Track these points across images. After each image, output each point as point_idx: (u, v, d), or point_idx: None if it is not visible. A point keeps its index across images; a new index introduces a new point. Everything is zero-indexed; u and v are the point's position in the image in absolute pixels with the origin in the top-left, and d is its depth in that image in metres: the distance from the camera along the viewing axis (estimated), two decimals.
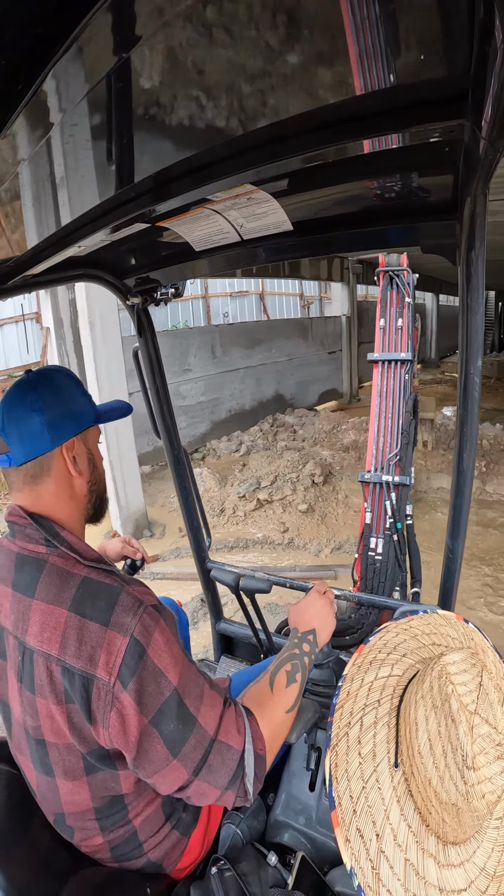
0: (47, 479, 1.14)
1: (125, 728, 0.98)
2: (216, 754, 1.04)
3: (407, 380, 2.82)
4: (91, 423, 1.22)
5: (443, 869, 0.91)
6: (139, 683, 0.98)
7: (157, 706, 0.99)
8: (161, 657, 1.00)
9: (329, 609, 1.42)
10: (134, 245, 1.49)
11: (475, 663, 0.95)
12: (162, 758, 1.00)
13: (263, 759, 1.11)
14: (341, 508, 7.45)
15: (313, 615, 1.38)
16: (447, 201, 1.09)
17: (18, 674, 1.09)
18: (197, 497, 2.31)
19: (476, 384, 1.22)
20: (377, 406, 2.82)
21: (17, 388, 1.15)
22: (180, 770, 1.01)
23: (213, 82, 0.62)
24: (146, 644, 0.99)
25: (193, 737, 1.02)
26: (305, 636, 1.33)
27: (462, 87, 0.59)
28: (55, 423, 1.12)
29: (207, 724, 1.04)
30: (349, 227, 1.28)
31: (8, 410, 1.12)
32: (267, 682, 1.23)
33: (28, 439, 1.11)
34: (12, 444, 1.11)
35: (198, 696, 1.05)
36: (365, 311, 17.32)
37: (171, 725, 1.00)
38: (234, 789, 1.07)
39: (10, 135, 0.65)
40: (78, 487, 1.19)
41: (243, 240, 1.33)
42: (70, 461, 1.16)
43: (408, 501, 2.72)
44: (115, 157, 0.78)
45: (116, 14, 0.49)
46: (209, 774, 1.04)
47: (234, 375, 11.95)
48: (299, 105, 0.65)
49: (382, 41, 0.52)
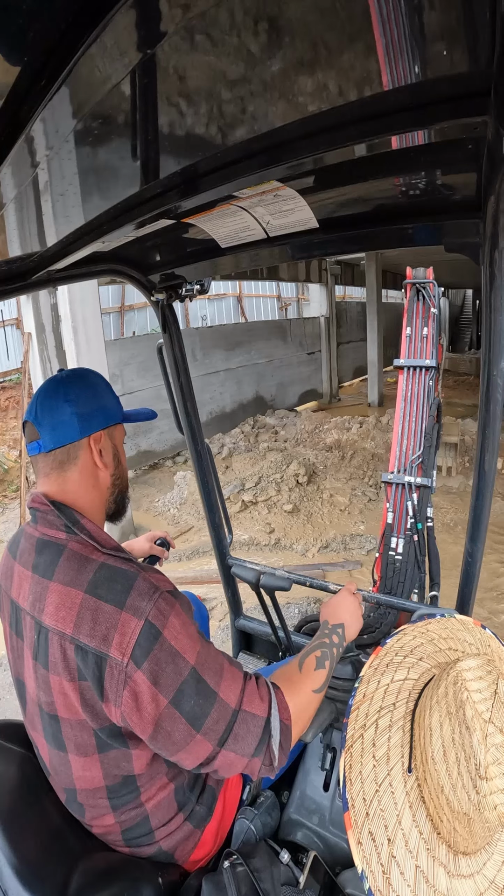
0: (73, 467, 1.20)
1: (139, 706, 1.00)
2: (241, 723, 1.07)
3: (431, 385, 2.86)
4: (118, 420, 1.28)
5: (453, 879, 0.90)
6: (155, 665, 0.99)
7: (176, 686, 1.00)
8: (178, 639, 1.03)
9: (358, 608, 1.44)
10: (159, 241, 1.50)
11: (491, 670, 0.94)
12: (185, 735, 1.02)
13: (289, 728, 1.13)
14: (327, 508, 7.46)
15: (344, 610, 1.41)
16: (471, 199, 1.08)
17: (34, 652, 1.11)
18: (219, 493, 2.32)
19: (499, 386, 1.20)
20: (402, 409, 2.87)
21: (51, 381, 1.23)
22: (204, 743, 1.03)
23: (240, 78, 0.62)
24: (162, 627, 1.01)
25: (215, 710, 1.04)
26: (335, 629, 1.35)
27: (485, 83, 0.58)
28: (85, 415, 1.19)
29: (229, 697, 1.06)
30: (373, 225, 1.27)
31: (42, 400, 1.19)
32: (296, 664, 1.25)
33: (59, 427, 1.17)
34: (44, 431, 1.17)
35: (217, 672, 1.07)
36: (343, 311, 17.47)
37: (192, 702, 1.01)
38: (261, 756, 1.09)
39: (35, 130, 0.65)
40: (102, 479, 1.24)
41: (269, 237, 1.33)
42: (96, 453, 1.21)
43: (429, 503, 2.74)
44: (140, 152, 0.79)
45: (142, 8, 0.49)
46: (235, 743, 1.06)
47: (215, 378, 12.09)
48: (323, 101, 0.64)
49: (406, 37, 0.52)
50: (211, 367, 11.99)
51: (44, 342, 6.51)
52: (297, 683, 1.20)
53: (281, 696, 1.15)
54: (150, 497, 8.38)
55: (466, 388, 16.45)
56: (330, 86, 0.61)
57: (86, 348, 6.26)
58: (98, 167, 0.82)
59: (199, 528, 7.14)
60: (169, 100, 0.66)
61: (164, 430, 10.11)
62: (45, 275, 1.34)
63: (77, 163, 0.79)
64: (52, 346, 6.41)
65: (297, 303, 17.56)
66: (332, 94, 0.63)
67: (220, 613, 4.83)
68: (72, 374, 1.25)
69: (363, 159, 0.94)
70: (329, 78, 0.60)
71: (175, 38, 0.54)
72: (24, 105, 0.60)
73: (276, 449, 9.68)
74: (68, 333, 6.21)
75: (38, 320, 6.50)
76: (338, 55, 0.56)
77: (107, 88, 0.60)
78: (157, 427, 9.83)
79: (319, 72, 0.59)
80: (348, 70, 0.59)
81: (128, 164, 0.83)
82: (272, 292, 16.70)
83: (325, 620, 1.38)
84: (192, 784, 1.29)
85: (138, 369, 9.78)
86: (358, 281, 16.90)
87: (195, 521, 7.31)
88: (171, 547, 2.05)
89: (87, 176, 0.84)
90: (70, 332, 6.18)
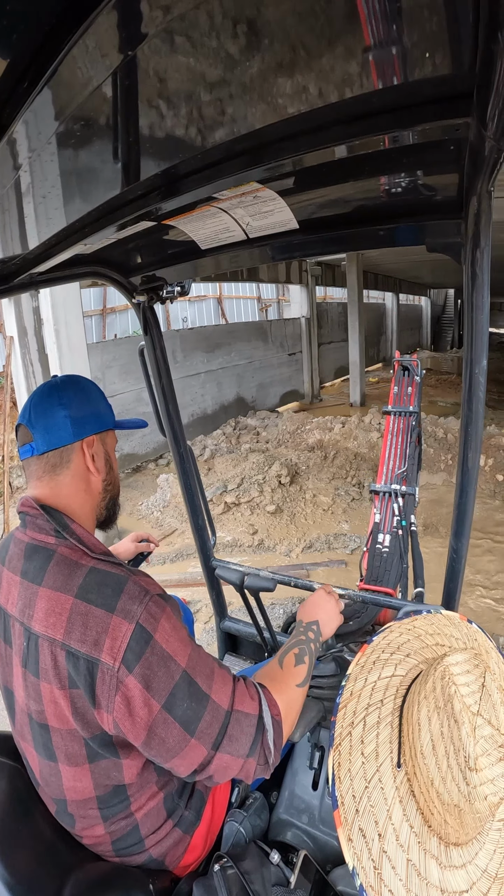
0: (66, 471, 1.20)
1: (131, 712, 0.99)
2: (235, 724, 1.07)
3: (413, 425, 3.60)
4: (111, 426, 1.30)
5: (445, 870, 0.91)
6: (147, 669, 0.99)
7: (168, 690, 1.00)
8: (169, 642, 1.03)
9: (333, 606, 1.46)
10: (140, 243, 1.49)
11: (478, 664, 0.95)
12: (178, 740, 1.01)
13: (280, 724, 1.14)
14: (310, 508, 7.52)
15: (318, 608, 1.44)
16: (453, 200, 1.09)
17: (24, 660, 1.10)
18: (202, 495, 2.32)
19: (481, 384, 1.21)
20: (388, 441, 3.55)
21: (46, 386, 1.24)
22: (199, 748, 1.03)
23: (218, 80, 0.62)
24: (153, 630, 1.01)
25: (208, 713, 1.04)
26: (310, 626, 1.37)
27: (467, 85, 0.59)
28: (78, 419, 1.20)
29: (221, 699, 1.07)
30: (355, 226, 1.28)
31: (36, 404, 1.21)
32: (276, 662, 1.27)
33: (52, 430, 1.18)
34: (37, 433, 1.18)
35: (208, 675, 1.07)
36: (324, 312, 17.70)
37: (185, 706, 1.02)
38: (255, 756, 1.09)
39: (17, 132, 0.65)
40: (94, 484, 1.25)
41: (249, 238, 1.33)
42: (89, 458, 1.22)
43: (412, 511, 3.10)
44: (122, 154, 0.79)
45: (124, 10, 0.49)
46: (230, 745, 1.06)
47: (196, 380, 12.15)
48: (305, 103, 0.65)
49: (388, 39, 0.52)
50: (192, 369, 12.01)
51: (26, 346, 6.46)
52: (281, 680, 1.22)
53: (268, 693, 1.16)
54: (134, 500, 8.35)
55: (448, 386, 16.67)
56: (313, 87, 0.62)
57: (68, 351, 6.24)
58: (80, 169, 0.82)
59: (182, 530, 7.12)
60: (151, 102, 0.66)
61: (146, 433, 10.09)
62: (27, 278, 1.34)
63: (59, 165, 0.78)
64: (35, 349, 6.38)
65: (278, 304, 17.65)
66: (315, 95, 0.63)
67: (204, 616, 4.82)
68: (66, 380, 1.26)
69: (345, 160, 0.94)
70: (312, 79, 0.61)
71: (157, 40, 0.54)
72: (6, 108, 0.60)
73: (257, 450, 9.71)
74: (51, 337, 6.18)
75: (20, 324, 6.45)
76: (321, 57, 0.57)
77: (89, 90, 0.60)
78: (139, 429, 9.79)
79: (303, 73, 0.59)
80: (331, 72, 0.59)
81: (109, 166, 0.83)
82: (252, 294, 16.76)
83: (300, 619, 1.41)
84: (181, 790, 1.28)
85: (120, 372, 9.75)
86: (339, 282, 17.04)
87: (178, 524, 7.28)
88: (154, 545, 2.04)
89: (70, 178, 0.84)
90: (52, 336, 6.15)
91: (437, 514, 7.09)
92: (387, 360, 23.91)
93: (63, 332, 6.18)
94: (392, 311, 24.64)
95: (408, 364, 3.92)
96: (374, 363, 22.78)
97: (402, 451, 3.43)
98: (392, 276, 22.53)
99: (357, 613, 2.77)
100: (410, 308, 29.28)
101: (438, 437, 9.13)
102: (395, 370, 4.04)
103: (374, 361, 22.58)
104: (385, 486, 3.17)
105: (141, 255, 1.65)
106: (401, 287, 24.83)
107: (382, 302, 24.49)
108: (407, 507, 3.04)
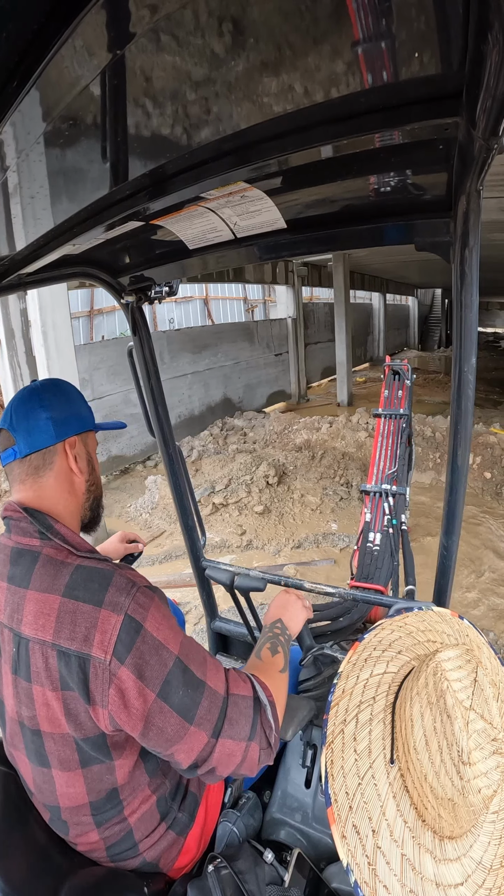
0: (49, 472, 1.20)
1: (126, 704, 0.99)
2: (233, 707, 1.08)
3: (404, 427, 3.71)
4: (92, 426, 1.30)
5: (440, 864, 0.91)
6: (139, 658, 1.00)
7: (162, 678, 1.01)
8: (160, 630, 1.03)
9: (294, 601, 1.51)
10: (128, 243, 1.49)
11: (470, 659, 0.96)
12: (177, 728, 1.02)
13: (274, 705, 1.16)
14: (298, 507, 7.54)
15: (278, 609, 1.48)
16: (442, 199, 1.10)
17: (14, 666, 1.10)
18: (192, 496, 2.32)
19: (470, 382, 1.22)
20: (379, 443, 3.69)
21: (26, 390, 1.25)
22: (199, 734, 1.04)
23: (206, 79, 0.62)
24: (143, 620, 1.02)
25: (206, 699, 1.05)
26: (273, 625, 1.42)
27: (457, 84, 0.59)
28: (60, 420, 1.21)
29: (216, 685, 1.08)
30: (343, 225, 1.28)
31: (17, 407, 1.21)
32: (254, 657, 1.31)
33: (34, 432, 1.18)
34: (19, 436, 1.18)
35: (201, 662, 1.08)
36: (310, 312, 17.77)
37: (180, 693, 1.02)
38: (257, 739, 1.10)
39: (3, 133, 0.65)
40: (77, 485, 1.25)
41: (237, 238, 1.33)
42: (72, 458, 1.23)
43: (403, 510, 3.19)
44: (110, 154, 0.79)
45: (112, 10, 0.49)
46: (231, 728, 1.07)
47: (182, 381, 12.16)
48: (293, 102, 0.65)
49: (378, 39, 0.52)
50: (179, 370, 11.99)
51: (13, 348, 6.43)
52: (263, 669, 1.25)
53: (258, 678, 1.18)
54: (122, 503, 8.32)
55: (436, 385, 16.75)
56: (302, 87, 0.62)
57: (56, 353, 6.22)
58: (68, 169, 0.82)
59: (170, 532, 7.12)
60: (138, 101, 0.66)
61: (134, 435, 10.06)
62: (15, 279, 1.33)
63: (47, 165, 0.78)
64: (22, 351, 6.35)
65: (264, 304, 17.69)
66: (304, 94, 0.63)
67: (194, 617, 4.82)
68: (46, 383, 1.27)
69: (334, 160, 0.95)
70: (302, 79, 0.61)
71: (144, 39, 0.54)
72: None
73: (245, 451, 9.70)
74: (38, 339, 6.15)
75: (7, 326, 6.42)
76: (311, 56, 0.57)
77: (77, 90, 0.60)
78: (127, 431, 9.79)
79: (292, 72, 0.60)
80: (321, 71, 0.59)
81: (97, 166, 0.83)
82: (239, 294, 16.80)
83: (264, 624, 1.45)
84: (174, 792, 1.28)
85: (107, 374, 9.71)
86: (325, 282, 17.09)
87: (167, 526, 7.27)
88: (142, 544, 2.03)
89: (58, 178, 0.84)
90: (40, 338, 6.12)
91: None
92: (374, 359, 24.07)
93: (51, 333, 6.17)
94: (379, 310, 24.78)
95: (398, 368, 4.06)
96: (362, 363, 22.88)
97: (393, 453, 3.51)
98: (379, 276, 22.67)
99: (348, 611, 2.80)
100: (398, 308, 29.47)
101: (426, 436, 9.18)
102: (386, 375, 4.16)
103: (361, 361, 22.71)
104: (376, 486, 3.23)
105: (129, 255, 1.64)
106: (388, 287, 24.98)
107: (369, 302, 24.63)
108: (398, 506, 3.08)
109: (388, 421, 3.80)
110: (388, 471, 3.41)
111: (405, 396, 3.90)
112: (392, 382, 4.05)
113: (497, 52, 0.47)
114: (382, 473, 3.41)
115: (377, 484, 3.33)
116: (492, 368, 19.86)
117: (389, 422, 3.79)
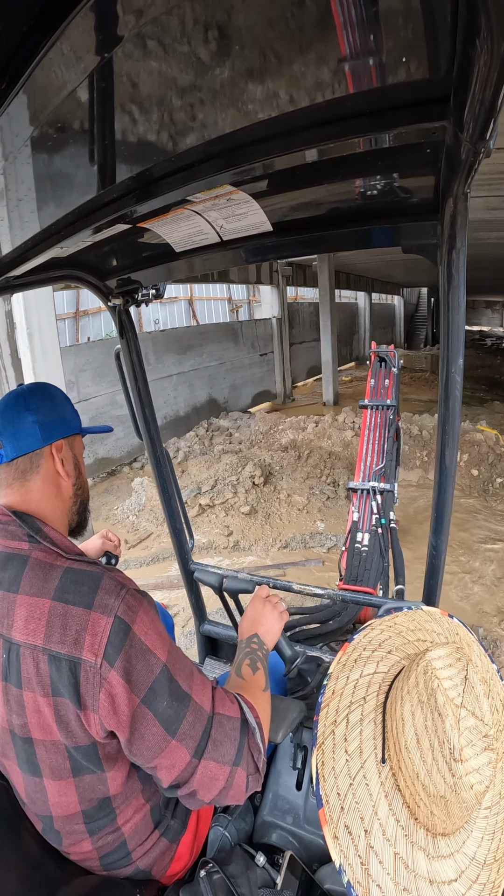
0: (36, 476, 1.20)
1: (115, 708, 0.99)
2: (218, 727, 1.06)
3: (391, 418, 3.61)
4: (78, 430, 1.30)
5: (433, 861, 0.92)
6: (127, 661, 0.99)
7: (147, 684, 1.00)
8: (147, 634, 1.03)
9: (270, 611, 1.47)
10: (115, 246, 1.49)
11: (460, 657, 0.96)
12: (158, 739, 1.01)
13: (262, 727, 1.14)
14: (284, 508, 7.55)
15: (253, 623, 1.45)
16: (429, 202, 1.10)
17: (4, 673, 1.08)
18: (179, 498, 2.31)
19: (457, 383, 1.23)
20: (365, 436, 3.56)
21: (11, 394, 1.24)
22: (180, 750, 1.02)
23: (193, 83, 0.62)
24: (131, 622, 1.01)
25: (190, 713, 1.03)
26: (250, 640, 1.39)
27: (444, 89, 0.60)
28: (46, 424, 1.21)
29: (203, 701, 1.06)
30: (330, 228, 1.29)
31: (3, 410, 1.20)
32: (234, 676, 1.29)
33: (21, 436, 1.18)
34: (5, 440, 1.18)
35: (188, 675, 1.07)
36: (295, 312, 17.84)
37: (165, 703, 1.01)
38: (243, 764, 1.09)
39: None
40: (64, 488, 1.25)
41: (223, 241, 1.33)
42: (59, 462, 1.23)
43: (391, 508, 3.14)
44: (97, 157, 0.78)
45: (98, 15, 0.49)
46: (215, 750, 1.05)
47: (168, 382, 12.17)
48: (280, 106, 0.65)
49: (366, 43, 0.53)
50: (164, 371, 11.98)
51: None
52: (247, 688, 1.23)
53: (244, 698, 1.16)
54: (109, 505, 8.29)
55: (422, 384, 16.86)
56: (289, 91, 0.62)
57: (41, 356, 6.17)
58: (55, 172, 0.82)
59: (158, 534, 7.09)
60: (125, 105, 0.66)
61: (120, 436, 10.02)
62: (3, 281, 1.33)
63: (34, 168, 0.78)
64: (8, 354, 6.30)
65: (249, 305, 17.69)
66: (289, 99, 0.63)
67: (182, 620, 4.80)
68: (32, 386, 1.27)
69: (321, 163, 0.95)
70: (289, 83, 0.61)
71: (131, 44, 0.54)
72: None
73: (231, 451, 9.70)
74: (24, 341, 6.10)
75: None
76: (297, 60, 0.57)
77: (64, 94, 0.60)
78: (114, 433, 9.75)
79: (278, 77, 0.60)
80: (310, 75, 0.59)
81: (84, 169, 0.83)
82: (223, 295, 16.78)
83: (240, 639, 1.42)
84: (167, 800, 1.28)
85: (94, 376, 9.66)
86: (310, 282, 17.13)
87: (154, 528, 7.25)
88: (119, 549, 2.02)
89: (45, 181, 0.84)
90: (25, 340, 6.07)
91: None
92: (360, 358, 24.20)
93: (36, 336, 6.12)
94: (365, 310, 24.89)
95: (384, 355, 3.92)
96: (347, 362, 22.97)
97: (380, 447, 3.40)
98: (365, 275, 22.77)
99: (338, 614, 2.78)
100: (383, 307, 29.65)
101: (413, 434, 9.23)
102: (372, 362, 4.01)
103: (346, 360, 22.80)
104: (363, 483, 3.15)
105: (116, 258, 1.64)
106: (373, 286, 25.09)
107: (355, 301, 24.74)
108: (386, 504, 3.02)
109: (375, 412, 3.71)
110: (375, 467, 3.32)
111: (392, 385, 3.80)
112: (378, 370, 3.94)
113: (485, 56, 0.47)
114: (370, 469, 3.33)
115: (364, 481, 3.25)
116: (478, 366, 20.04)
117: (376, 413, 3.70)
